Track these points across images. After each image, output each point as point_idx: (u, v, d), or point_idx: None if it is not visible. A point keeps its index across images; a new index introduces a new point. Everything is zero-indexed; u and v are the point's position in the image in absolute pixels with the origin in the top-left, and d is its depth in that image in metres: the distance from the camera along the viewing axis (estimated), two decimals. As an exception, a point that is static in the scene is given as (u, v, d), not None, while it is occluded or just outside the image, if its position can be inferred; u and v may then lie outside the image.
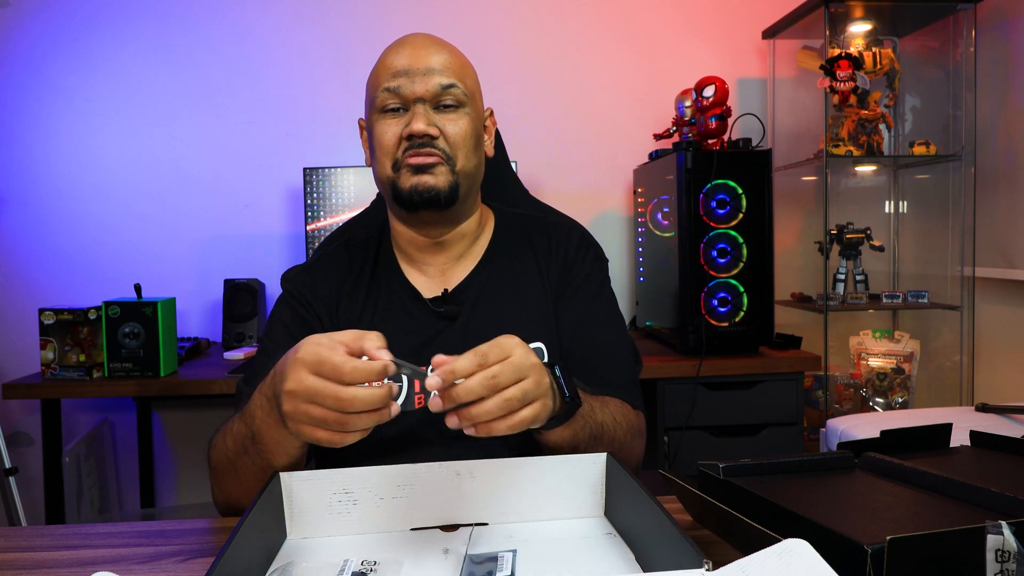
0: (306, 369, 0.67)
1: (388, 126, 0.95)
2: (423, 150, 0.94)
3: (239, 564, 0.59)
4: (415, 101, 0.95)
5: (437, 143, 0.95)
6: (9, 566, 0.72)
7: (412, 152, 0.94)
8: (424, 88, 0.94)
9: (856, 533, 0.55)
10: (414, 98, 0.94)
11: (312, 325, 1.01)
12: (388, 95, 0.95)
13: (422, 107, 0.94)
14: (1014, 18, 2.27)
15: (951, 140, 2.42)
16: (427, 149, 0.94)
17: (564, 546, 0.71)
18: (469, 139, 0.97)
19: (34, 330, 2.07)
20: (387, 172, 0.97)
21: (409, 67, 0.94)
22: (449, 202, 0.96)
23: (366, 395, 0.66)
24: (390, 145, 0.95)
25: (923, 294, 2.34)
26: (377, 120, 0.96)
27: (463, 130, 0.96)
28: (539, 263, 1.04)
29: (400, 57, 0.96)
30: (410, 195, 0.95)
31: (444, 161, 0.95)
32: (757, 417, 2.01)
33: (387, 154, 0.96)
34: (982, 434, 0.83)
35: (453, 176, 0.96)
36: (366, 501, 0.75)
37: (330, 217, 2.29)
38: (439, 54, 0.96)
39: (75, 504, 2.13)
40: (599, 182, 2.59)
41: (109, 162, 2.45)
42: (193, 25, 2.46)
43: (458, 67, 0.98)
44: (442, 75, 0.95)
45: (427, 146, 0.94)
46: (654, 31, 2.59)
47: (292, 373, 0.68)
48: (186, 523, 0.84)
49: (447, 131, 0.95)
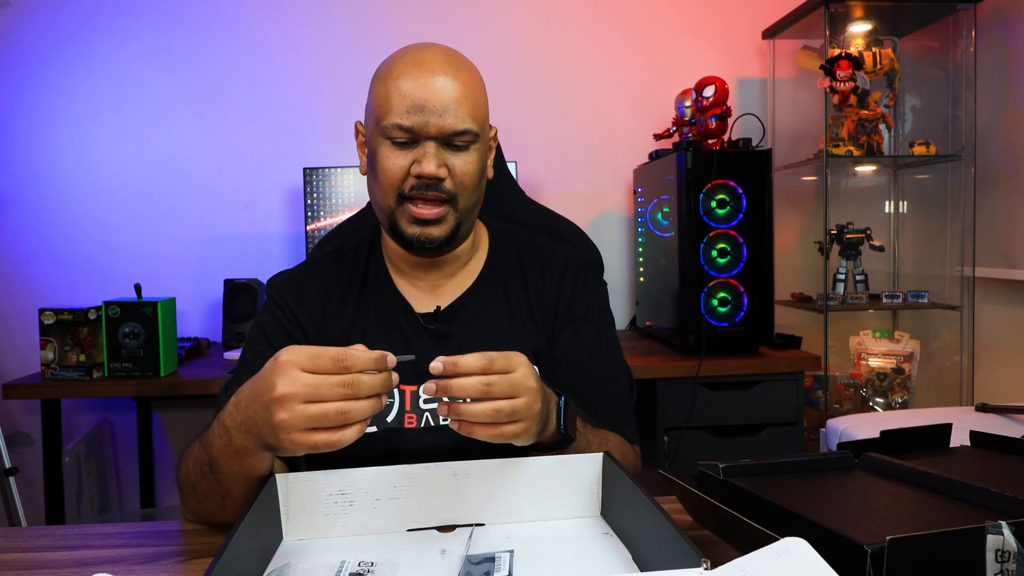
0: (298, 368, 0.66)
1: (396, 157, 0.92)
2: (429, 194, 0.92)
3: (236, 566, 0.59)
4: (427, 139, 0.92)
5: (444, 185, 0.92)
6: (9, 566, 0.72)
7: (419, 196, 0.92)
8: (439, 130, 0.91)
9: (856, 533, 0.54)
10: (426, 137, 0.91)
11: (295, 336, 0.99)
12: (399, 131, 0.91)
13: (433, 147, 0.91)
14: (1014, 18, 2.27)
15: (951, 140, 2.42)
16: (433, 193, 0.92)
17: (561, 546, 0.71)
18: (475, 177, 0.95)
19: (34, 330, 2.07)
20: (389, 203, 0.94)
21: (425, 104, 0.90)
22: (449, 246, 0.97)
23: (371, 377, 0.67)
24: (396, 177, 0.92)
25: (923, 294, 2.34)
26: (383, 144, 0.93)
27: (471, 169, 0.94)
28: (530, 299, 1.03)
29: (416, 87, 0.90)
30: (410, 242, 0.94)
31: (448, 202, 0.93)
32: (757, 417, 2.01)
33: (392, 185, 0.93)
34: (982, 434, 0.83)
35: (456, 217, 0.95)
36: (362, 502, 0.75)
37: (330, 217, 2.29)
38: (456, 88, 0.91)
39: (75, 504, 2.13)
40: (599, 182, 2.59)
41: (109, 162, 2.45)
42: (193, 25, 2.46)
43: (473, 102, 0.93)
44: (457, 117, 0.91)
45: (433, 188, 0.92)
46: (654, 31, 2.59)
47: (282, 377, 0.66)
48: (186, 524, 0.84)
49: (456, 170, 0.93)
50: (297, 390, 0.66)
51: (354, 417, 0.66)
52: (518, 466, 0.77)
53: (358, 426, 0.68)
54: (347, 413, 0.66)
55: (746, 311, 2.02)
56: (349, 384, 0.65)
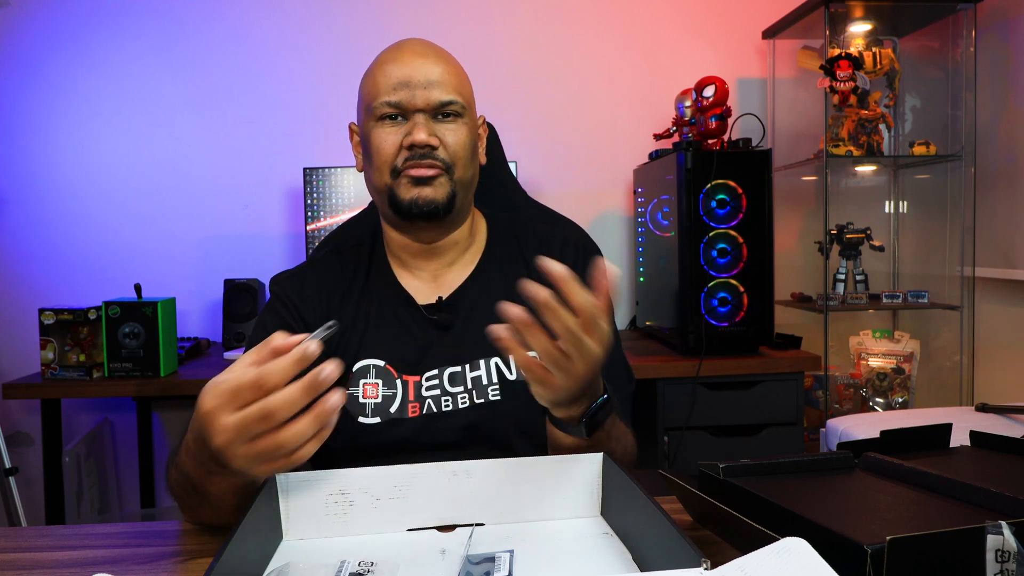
0: (227, 412, 0.62)
1: (387, 134, 0.95)
2: (424, 161, 0.95)
3: (236, 566, 0.59)
4: (415, 112, 0.95)
5: (437, 153, 0.95)
6: (9, 566, 0.72)
7: (412, 163, 0.95)
8: (425, 101, 0.95)
9: (856, 533, 0.54)
10: (414, 109, 0.95)
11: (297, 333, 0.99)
12: (387, 107, 0.95)
13: (422, 117, 0.95)
14: (1014, 18, 2.27)
15: (951, 140, 2.42)
16: (428, 160, 0.95)
17: (561, 546, 0.71)
18: (467, 148, 0.98)
19: (34, 330, 2.07)
20: (385, 180, 0.97)
21: (409, 79, 0.94)
22: (446, 212, 0.97)
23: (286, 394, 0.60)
24: (389, 153, 0.95)
25: (923, 294, 2.34)
26: (375, 127, 0.96)
27: (462, 139, 0.97)
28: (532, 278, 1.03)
29: (399, 67, 0.95)
30: (409, 207, 0.96)
31: (444, 171, 0.96)
32: (757, 417, 2.01)
33: (386, 162, 0.96)
34: (982, 434, 0.83)
35: (451, 186, 0.97)
36: (362, 502, 0.75)
37: (330, 217, 2.29)
38: (438, 65, 0.96)
39: (75, 504, 2.13)
40: (599, 182, 2.59)
41: (109, 162, 2.45)
42: (193, 25, 2.46)
43: (456, 79, 0.98)
44: (442, 89, 0.95)
45: (428, 157, 0.94)
46: (654, 31, 2.59)
47: (213, 425, 0.62)
48: (185, 524, 0.84)
49: (447, 140, 0.96)
50: (232, 437, 0.62)
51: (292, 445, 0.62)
52: (518, 466, 0.77)
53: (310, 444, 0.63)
54: (282, 446, 0.62)
55: (746, 311, 2.02)
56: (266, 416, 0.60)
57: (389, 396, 0.95)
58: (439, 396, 0.96)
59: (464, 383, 0.97)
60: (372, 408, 0.95)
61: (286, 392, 0.61)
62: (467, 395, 0.96)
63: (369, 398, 0.95)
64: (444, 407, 0.96)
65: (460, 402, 0.96)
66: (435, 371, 0.97)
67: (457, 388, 0.97)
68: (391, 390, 0.96)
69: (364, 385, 0.96)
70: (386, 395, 0.95)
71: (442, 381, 0.97)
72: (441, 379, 0.97)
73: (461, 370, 0.97)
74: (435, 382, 0.97)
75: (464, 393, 0.96)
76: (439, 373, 0.97)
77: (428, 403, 0.96)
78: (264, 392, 0.61)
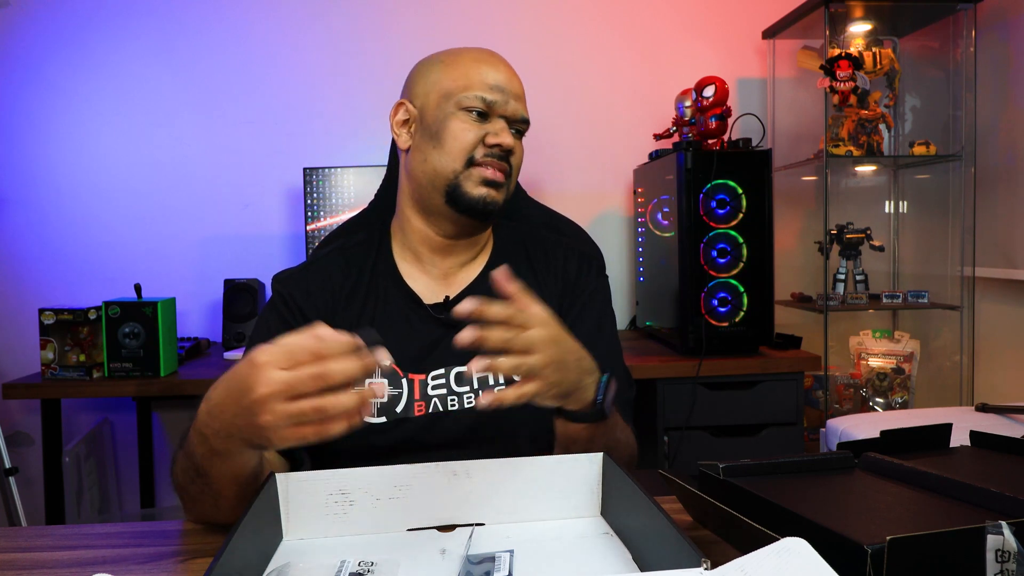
0: (274, 367, 0.64)
1: (470, 127, 0.98)
2: (500, 163, 0.99)
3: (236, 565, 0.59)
4: (499, 117, 1.00)
5: (510, 159, 1.01)
6: (9, 566, 0.72)
7: (489, 161, 0.98)
8: (513, 111, 1.00)
9: (856, 533, 0.54)
10: (501, 115, 0.99)
11: None
12: (480, 102, 0.98)
13: (504, 124, 1.00)
14: (1014, 18, 2.27)
15: (951, 140, 2.42)
16: (503, 164, 0.99)
17: (561, 546, 0.71)
18: (520, 165, 1.05)
19: (34, 330, 2.07)
20: (455, 167, 0.98)
21: (505, 86, 1.00)
22: (495, 216, 1.03)
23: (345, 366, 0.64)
24: (469, 144, 0.98)
25: (923, 294, 2.34)
26: (455, 115, 0.98)
27: (521, 156, 1.04)
28: (537, 284, 1.06)
29: (495, 72, 1.00)
30: (474, 203, 0.98)
31: (506, 179, 1.01)
32: (757, 417, 2.01)
33: (464, 150, 0.98)
34: (982, 434, 0.83)
35: (507, 194, 1.02)
36: (363, 502, 0.75)
37: (330, 217, 2.29)
38: (520, 85, 1.03)
39: (75, 504, 2.13)
40: (599, 182, 2.59)
41: (109, 162, 2.45)
42: (193, 25, 2.46)
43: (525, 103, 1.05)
44: (523, 106, 1.02)
45: (504, 160, 1.00)
46: (654, 31, 2.59)
47: (260, 377, 0.64)
48: (186, 523, 0.84)
49: (516, 152, 1.02)
50: (276, 390, 0.64)
51: (333, 412, 0.64)
52: (518, 466, 0.77)
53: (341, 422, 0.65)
54: (324, 410, 0.64)
55: (746, 311, 2.02)
56: (322, 377, 0.64)
57: (395, 395, 0.96)
58: (445, 395, 0.96)
59: (470, 382, 0.97)
60: (378, 407, 0.95)
61: (346, 363, 0.64)
62: (473, 395, 0.96)
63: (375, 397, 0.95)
64: (450, 406, 0.96)
65: (466, 401, 0.96)
66: (441, 370, 0.97)
67: (463, 388, 0.97)
68: (397, 389, 0.96)
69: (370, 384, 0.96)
70: (392, 394, 0.96)
71: (448, 380, 0.97)
72: (447, 378, 0.97)
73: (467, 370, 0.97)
74: (441, 381, 0.97)
75: (470, 393, 0.97)
76: (445, 373, 0.97)
77: (434, 402, 0.96)
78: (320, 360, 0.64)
